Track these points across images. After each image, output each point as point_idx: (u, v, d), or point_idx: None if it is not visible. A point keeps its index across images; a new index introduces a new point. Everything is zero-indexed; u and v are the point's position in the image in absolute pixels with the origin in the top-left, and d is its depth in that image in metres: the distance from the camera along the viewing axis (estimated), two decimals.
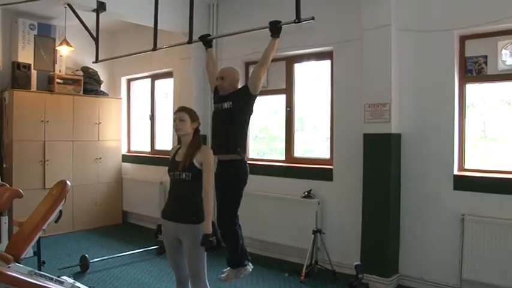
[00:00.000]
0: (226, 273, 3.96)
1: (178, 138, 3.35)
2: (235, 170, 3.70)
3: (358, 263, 4.61)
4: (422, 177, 4.61)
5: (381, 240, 4.66)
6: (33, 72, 6.78)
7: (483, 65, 4.40)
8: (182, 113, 3.17)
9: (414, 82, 4.66)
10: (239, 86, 3.84)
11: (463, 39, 4.51)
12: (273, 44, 3.52)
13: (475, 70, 4.45)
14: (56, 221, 4.05)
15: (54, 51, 7.01)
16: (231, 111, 3.65)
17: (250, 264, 3.94)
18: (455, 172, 4.47)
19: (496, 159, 4.62)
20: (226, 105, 3.68)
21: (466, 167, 4.54)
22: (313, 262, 5.04)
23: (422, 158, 4.62)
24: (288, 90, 5.93)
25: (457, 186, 4.41)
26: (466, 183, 4.37)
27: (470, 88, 4.56)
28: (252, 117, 3.81)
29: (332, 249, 5.11)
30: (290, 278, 5.01)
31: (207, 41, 4.01)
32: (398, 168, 4.73)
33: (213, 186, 3.20)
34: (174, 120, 3.19)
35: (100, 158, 7.54)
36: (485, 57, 4.39)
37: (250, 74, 3.77)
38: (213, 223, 3.21)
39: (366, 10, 4.75)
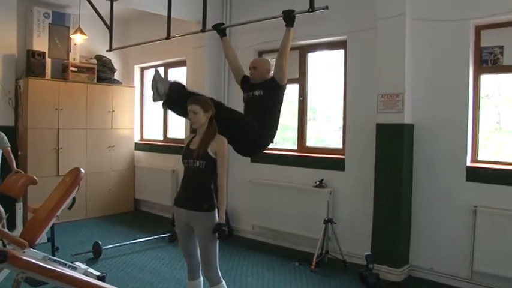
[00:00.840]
0: None
1: (191, 127, 3.36)
2: (260, 132, 3.59)
3: (369, 253, 4.61)
4: (435, 168, 4.58)
5: (392, 230, 4.66)
6: (48, 61, 6.85)
7: (499, 56, 4.33)
8: (194, 105, 3.17)
9: (428, 72, 4.62)
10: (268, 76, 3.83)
11: (478, 29, 4.44)
12: (288, 33, 3.50)
13: (491, 60, 4.39)
14: (70, 208, 4.10)
15: (69, 40, 7.06)
16: (262, 99, 3.63)
17: None
18: (468, 163, 4.43)
19: (510, 152, 4.57)
20: (257, 93, 3.67)
21: (480, 158, 4.50)
22: (323, 252, 5.05)
23: (435, 149, 4.58)
24: (301, 80, 5.91)
25: (470, 178, 4.37)
26: (478, 175, 4.34)
27: (485, 79, 4.51)
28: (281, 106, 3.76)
29: (343, 239, 5.11)
30: (300, 267, 5.03)
31: (221, 29, 3.99)
32: (411, 159, 4.70)
33: (227, 175, 3.20)
34: (188, 113, 3.21)
35: (113, 146, 7.61)
36: (502, 47, 4.32)
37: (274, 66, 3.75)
38: (225, 212, 3.23)
39: None
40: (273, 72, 3.70)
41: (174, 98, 3.44)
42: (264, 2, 5.83)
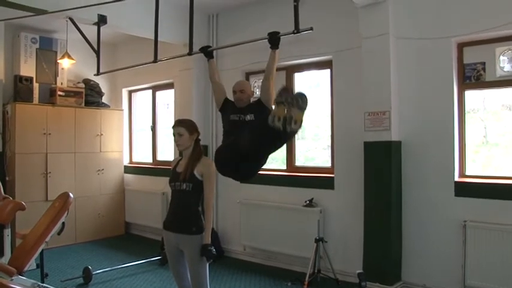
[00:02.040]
0: None
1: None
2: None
3: (361, 271, 4.61)
4: (424, 184, 4.62)
5: (383, 248, 4.66)
6: (35, 85, 6.84)
7: (481, 72, 4.42)
8: (179, 127, 3.19)
9: (413, 89, 4.69)
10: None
11: (461, 46, 4.54)
12: (273, 55, 3.51)
13: (474, 77, 4.47)
14: (59, 233, 4.07)
15: (56, 64, 7.07)
16: (258, 123, 3.59)
17: None
18: (456, 179, 4.48)
19: (498, 165, 4.63)
20: (248, 117, 3.63)
21: (467, 173, 4.55)
22: (315, 271, 5.03)
23: (423, 165, 4.63)
24: None
25: (458, 193, 4.41)
26: (467, 190, 4.38)
27: (470, 94, 4.58)
28: None
29: (334, 258, 5.10)
30: (293, 286, 5.00)
31: (208, 52, 4.02)
32: (399, 176, 4.74)
33: (214, 197, 3.20)
34: (174, 135, 3.22)
35: (102, 170, 7.57)
36: (484, 63, 4.41)
37: (260, 89, 3.75)
38: (213, 232, 3.22)
39: (364, 19, 4.78)
40: (257, 94, 3.68)
41: None
42: (250, 23, 5.92)
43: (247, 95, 3.71)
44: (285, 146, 5.78)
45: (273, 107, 3.43)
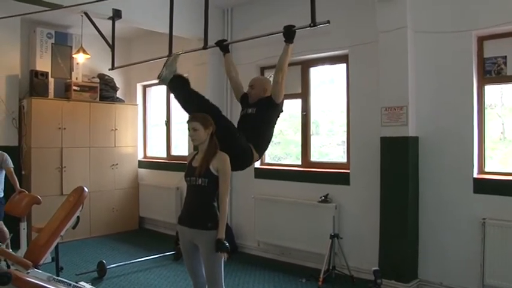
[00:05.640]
0: None
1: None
2: (245, 148, 3.51)
3: (376, 268, 4.54)
4: (441, 181, 4.54)
5: (399, 244, 4.59)
6: (51, 80, 6.88)
7: (502, 66, 4.32)
8: (194, 122, 3.16)
9: (431, 84, 4.60)
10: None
11: (481, 39, 4.44)
12: (286, 49, 3.47)
13: (494, 71, 4.37)
14: (74, 227, 4.08)
15: (71, 59, 7.11)
16: (254, 117, 3.63)
17: None
18: (475, 175, 4.39)
19: None
20: (250, 110, 3.67)
21: (486, 169, 4.46)
22: (330, 267, 4.98)
23: (440, 161, 4.55)
24: (304, 95, 5.90)
25: (477, 190, 4.32)
26: (486, 187, 4.29)
27: (489, 89, 4.49)
28: (275, 126, 3.74)
29: (349, 254, 5.05)
30: (307, 283, 4.96)
31: (224, 46, 3.99)
32: (416, 172, 4.66)
33: (229, 192, 3.17)
34: (189, 130, 3.19)
35: (116, 164, 7.60)
36: (505, 57, 4.31)
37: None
38: (227, 227, 3.19)
39: (382, 12, 4.70)
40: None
41: (175, 87, 3.79)
42: (265, 18, 5.87)
43: (256, 92, 3.72)
44: (300, 141, 5.82)
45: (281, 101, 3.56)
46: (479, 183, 4.33)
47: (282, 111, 3.75)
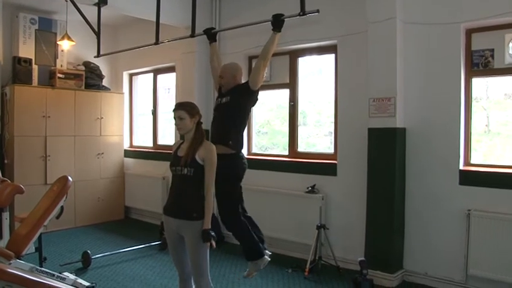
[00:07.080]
0: (247, 270, 3.89)
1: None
2: (227, 164, 3.56)
3: (363, 258, 4.56)
4: (428, 172, 4.56)
5: (386, 235, 4.62)
6: (34, 67, 6.75)
7: (490, 59, 4.33)
8: (180, 111, 3.11)
9: (420, 76, 4.60)
10: (243, 81, 3.81)
11: (469, 32, 4.44)
12: (273, 38, 3.45)
13: (482, 64, 4.38)
14: (58, 217, 4.03)
15: (56, 46, 6.98)
16: (227, 106, 3.64)
17: (267, 252, 3.89)
18: (461, 167, 4.41)
19: (499, 154, 4.57)
20: (224, 99, 3.68)
21: (472, 161, 4.48)
22: (317, 258, 4.99)
23: (427, 153, 4.56)
24: (292, 85, 5.87)
25: (463, 181, 4.35)
26: (472, 178, 4.32)
27: (475, 82, 4.50)
28: (252, 112, 3.77)
29: (336, 245, 5.07)
30: (294, 273, 4.97)
31: (211, 34, 3.96)
32: (403, 163, 4.67)
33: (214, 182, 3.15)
34: (174, 119, 3.15)
35: (102, 153, 7.51)
36: (492, 50, 4.32)
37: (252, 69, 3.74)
38: (213, 218, 3.17)
39: (371, 3, 4.67)
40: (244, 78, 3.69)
41: None
42: (253, 6, 5.82)
43: (226, 81, 3.73)
44: (287, 131, 5.81)
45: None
46: (465, 175, 4.36)
47: (257, 99, 3.74)
